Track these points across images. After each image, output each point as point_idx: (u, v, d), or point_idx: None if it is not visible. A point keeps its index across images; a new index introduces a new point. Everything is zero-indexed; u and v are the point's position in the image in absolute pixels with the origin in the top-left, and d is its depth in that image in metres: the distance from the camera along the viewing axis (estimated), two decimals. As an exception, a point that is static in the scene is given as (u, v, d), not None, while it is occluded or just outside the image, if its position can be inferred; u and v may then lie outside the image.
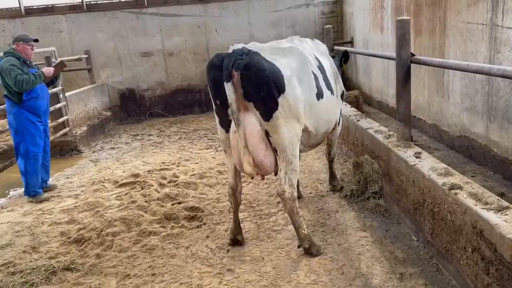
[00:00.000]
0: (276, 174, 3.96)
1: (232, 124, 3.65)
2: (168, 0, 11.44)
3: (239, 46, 3.63)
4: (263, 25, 11.47)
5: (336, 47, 8.14)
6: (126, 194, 5.71)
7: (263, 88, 3.50)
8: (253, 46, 3.82)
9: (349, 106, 7.07)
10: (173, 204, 5.25)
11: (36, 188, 5.94)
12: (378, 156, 4.94)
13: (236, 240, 4.16)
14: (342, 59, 5.38)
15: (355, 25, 10.33)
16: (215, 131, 9.42)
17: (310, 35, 5.82)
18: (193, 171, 6.62)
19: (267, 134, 3.66)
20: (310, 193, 5.39)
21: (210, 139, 8.81)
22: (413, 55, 4.32)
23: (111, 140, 9.46)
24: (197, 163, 7.10)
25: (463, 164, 5.41)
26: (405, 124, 4.48)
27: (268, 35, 11.51)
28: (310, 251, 3.88)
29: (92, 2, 11.45)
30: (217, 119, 3.87)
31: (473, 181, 3.37)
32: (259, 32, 11.48)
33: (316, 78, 4.12)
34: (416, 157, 4.05)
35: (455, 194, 3.17)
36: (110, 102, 11.55)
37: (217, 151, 7.80)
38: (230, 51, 3.57)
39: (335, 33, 11.57)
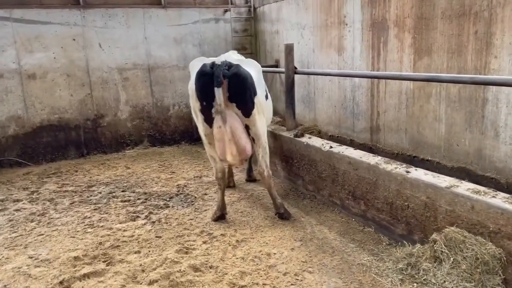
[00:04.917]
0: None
1: (216, 119, 4.48)
2: (26, 1, 8.01)
3: (222, 59, 4.63)
4: (163, 41, 8.94)
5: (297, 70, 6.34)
6: None
7: (246, 92, 4.55)
8: (229, 58, 4.91)
9: (353, 149, 5.26)
10: None
11: None
12: (497, 232, 3.22)
13: (223, 216, 5.01)
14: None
15: (281, 46, 8.69)
16: (129, 187, 6.47)
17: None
18: (143, 271, 3.87)
19: (247, 127, 4.70)
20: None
21: (126, 201, 5.85)
22: None
23: None
24: (138, 251, 4.32)
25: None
26: None
27: (170, 54, 9.05)
28: (284, 215, 4.97)
29: None
30: (201, 116, 4.63)
31: None
32: (159, 51, 8.92)
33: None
34: None
35: None
36: None
37: (153, 222, 5.07)
38: (218, 62, 4.42)
39: (249, 54, 9.82)
